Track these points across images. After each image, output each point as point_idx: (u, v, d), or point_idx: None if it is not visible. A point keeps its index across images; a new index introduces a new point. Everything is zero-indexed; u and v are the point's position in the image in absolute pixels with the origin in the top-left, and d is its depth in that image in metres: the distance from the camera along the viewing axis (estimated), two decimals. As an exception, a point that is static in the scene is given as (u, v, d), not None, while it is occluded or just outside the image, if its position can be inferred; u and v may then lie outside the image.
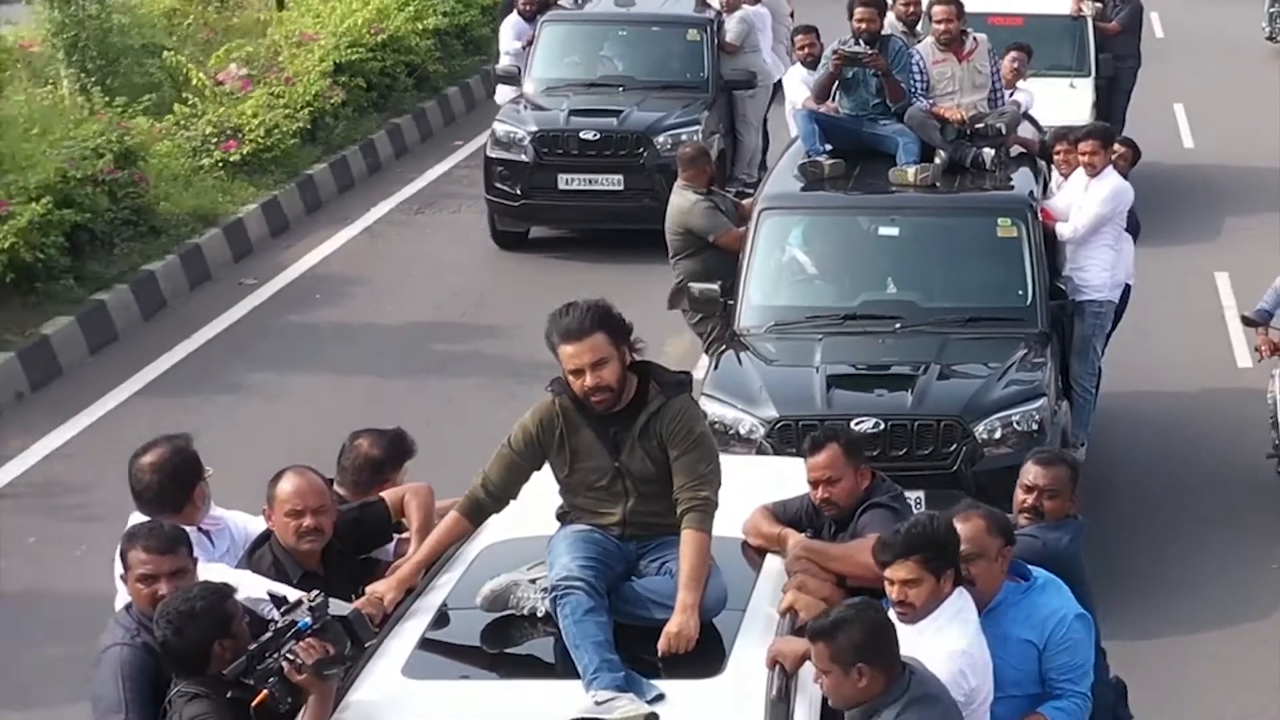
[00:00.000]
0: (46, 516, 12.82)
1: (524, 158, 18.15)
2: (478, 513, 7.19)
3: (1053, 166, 13.73)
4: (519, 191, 18.20)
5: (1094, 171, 13.09)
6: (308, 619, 6.42)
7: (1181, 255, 17.63)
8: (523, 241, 18.71)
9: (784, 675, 6.51)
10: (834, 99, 13.61)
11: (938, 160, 13.08)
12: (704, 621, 6.73)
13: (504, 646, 6.87)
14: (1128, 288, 13.48)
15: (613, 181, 18.17)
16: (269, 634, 6.43)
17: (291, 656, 6.34)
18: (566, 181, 18.17)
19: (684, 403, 7.04)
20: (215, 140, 19.19)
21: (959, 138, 13.25)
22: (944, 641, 6.79)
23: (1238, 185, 20.17)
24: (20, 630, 11.44)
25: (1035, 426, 11.29)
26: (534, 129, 18.27)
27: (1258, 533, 12.47)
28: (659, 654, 6.60)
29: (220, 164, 19.02)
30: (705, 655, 6.63)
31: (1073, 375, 12.90)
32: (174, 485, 7.35)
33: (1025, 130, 14.15)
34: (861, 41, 13.46)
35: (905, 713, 6.27)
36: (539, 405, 7.07)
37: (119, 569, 7.06)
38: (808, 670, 6.51)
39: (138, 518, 7.28)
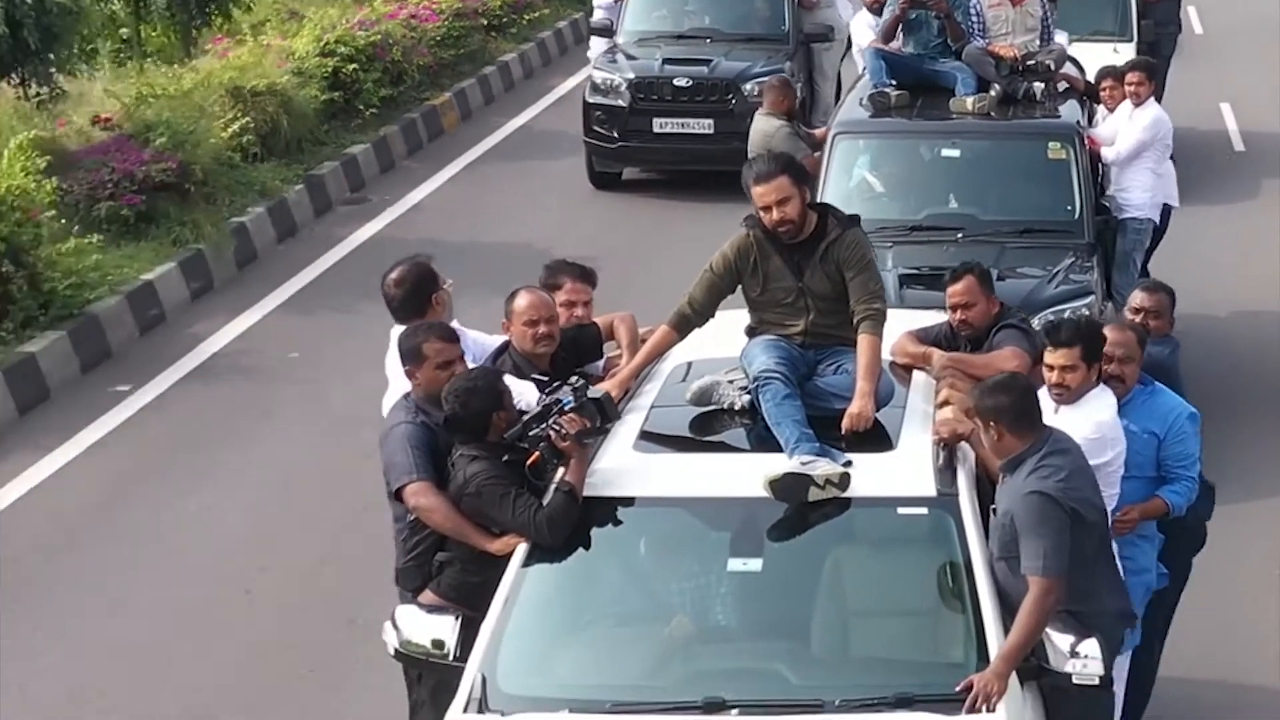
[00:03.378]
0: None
1: (621, 103, 18.77)
2: (684, 325, 8.09)
3: (1098, 104, 14.44)
4: (616, 134, 18.82)
5: (1138, 101, 13.81)
6: (570, 398, 7.38)
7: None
8: (617, 181, 19.40)
9: (946, 448, 7.49)
10: (899, 39, 14.33)
11: (993, 92, 13.74)
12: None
13: (710, 433, 7.80)
14: (1168, 209, 14.18)
15: (704, 125, 18.70)
16: (538, 409, 7.38)
17: (557, 428, 7.29)
18: (661, 125, 18.77)
19: (856, 234, 7.97)
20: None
21: (1012, 73, 13.81)
22: (1090, 414, 7.84)
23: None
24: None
25: (1085, 321, 11.99)
26: (631, 76, 18.86)
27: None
28: (842, 433, 7.50)
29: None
30: (879, 436, 7.57)
31: (1114, 286, 13.40)
32: (414, 294, 8.34)
33: (1069, 70, 14.80)
34: None
35: (1044, 460, 7.18)
36: (736, 237, 8.04)
37: (393, 370, 8.11)
38: (965, 445, 7.55)
39: (396, 329, 8.26)
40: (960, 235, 12.77)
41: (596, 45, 20.62)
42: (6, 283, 13.54)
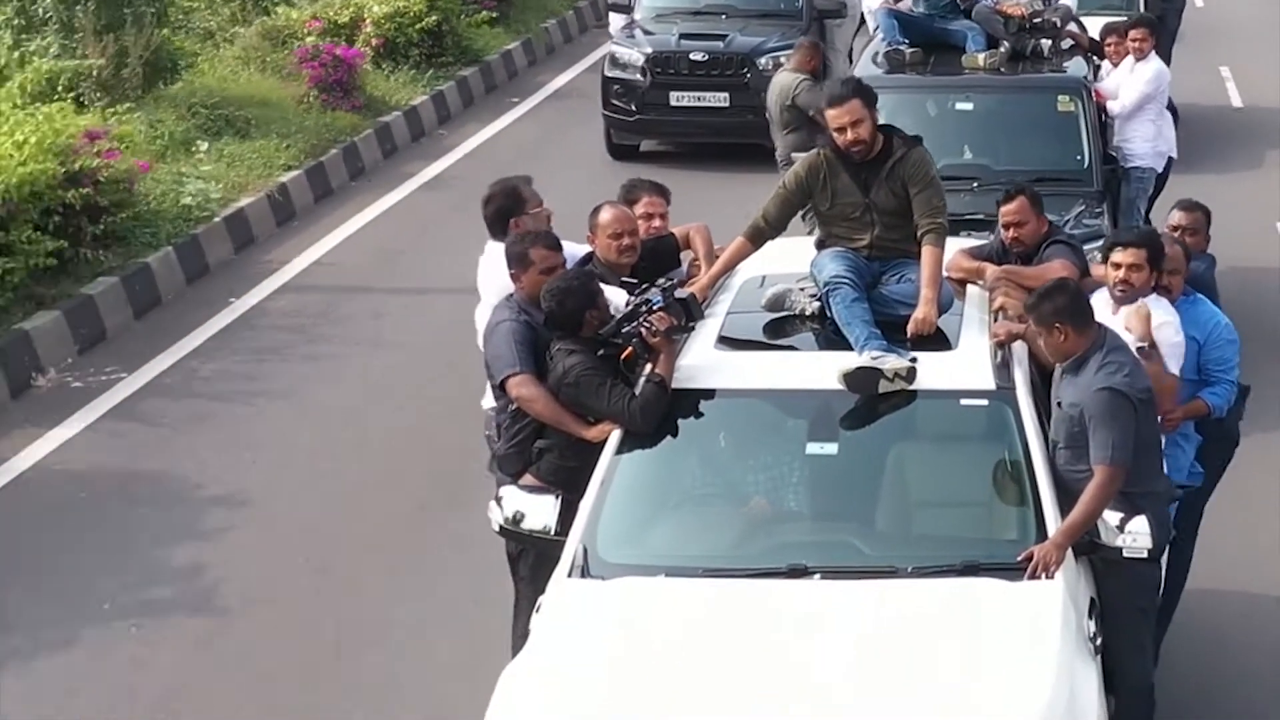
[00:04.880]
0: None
1: (639, 77, 18.93)
2: (758, 237, 8.49)
3: (1102, 60, 14.73)
4: (634, 108, 18.97)
5: (1141, 55, 13.99)
6: (659, 298, 7.75)
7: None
8: (635, 153, 19.46)
9: (1003, 347, 7.89)
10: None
11: (1002, 49, 13.97)
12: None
13: (783, 336, 8.20)
14: (1170, 161, 14.40)
15: (719, 99, 18.81)
16: (629, 308, 7.74)
17: (648, 325, 7.66)
18: (677, 99, 18.85)
19: (921, 153, 8.33)
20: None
21: (1020, 31, 14.06)
22: (1157, 315, 8.18)
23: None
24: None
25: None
26: (649, 51, 18.97)
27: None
28: (907, 336, 7.88)
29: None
30: (940, 338, 7.97)
31: (1120, 232, 13.92)
32: (497, 216, 8.69)
33: (1073, 28, 15.11)
34: None
35: (1108, 357, 7.54)
36: (808, 157, 8.47)
37: (487, 278, 8.47)
38: (1019, 346, 7.95)
39: (492, 244, 8.62)
40: (975, 185, 12.91)
41: (615, 21, 20.87)
42: (443, 39, 22.38)
